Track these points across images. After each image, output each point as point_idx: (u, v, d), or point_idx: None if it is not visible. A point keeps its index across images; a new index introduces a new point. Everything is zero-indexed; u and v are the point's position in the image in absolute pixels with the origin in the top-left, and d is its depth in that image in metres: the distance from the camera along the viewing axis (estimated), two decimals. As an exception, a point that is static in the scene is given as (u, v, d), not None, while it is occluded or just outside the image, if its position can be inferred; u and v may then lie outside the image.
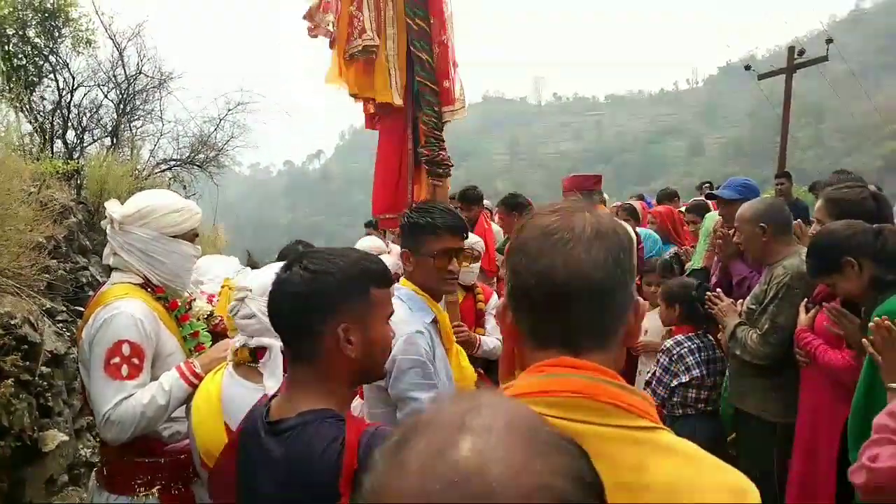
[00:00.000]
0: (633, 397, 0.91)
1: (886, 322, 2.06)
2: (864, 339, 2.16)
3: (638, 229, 5.29)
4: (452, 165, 3.49)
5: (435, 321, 2.35)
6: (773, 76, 16.23)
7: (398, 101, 3.41)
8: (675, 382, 3.34)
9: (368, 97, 3.52)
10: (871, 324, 2.11)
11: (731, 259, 3.62)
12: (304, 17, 3.48)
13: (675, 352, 3.38)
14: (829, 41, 15.41)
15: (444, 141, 3.46)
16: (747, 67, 18.18)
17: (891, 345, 2.05)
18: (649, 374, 3.48)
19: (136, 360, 2.10)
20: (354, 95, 3.54)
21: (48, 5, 7.47)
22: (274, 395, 1.48)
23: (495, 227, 5.98)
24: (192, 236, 2.36)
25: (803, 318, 2.80)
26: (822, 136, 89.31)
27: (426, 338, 2.23)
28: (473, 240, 3.93)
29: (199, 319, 2.49)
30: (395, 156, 3.62)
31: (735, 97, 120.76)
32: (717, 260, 3.87)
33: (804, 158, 70.28)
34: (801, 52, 15.37)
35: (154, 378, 2.18)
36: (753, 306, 3.11)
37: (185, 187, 8.62)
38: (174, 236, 2.28)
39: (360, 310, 1.41)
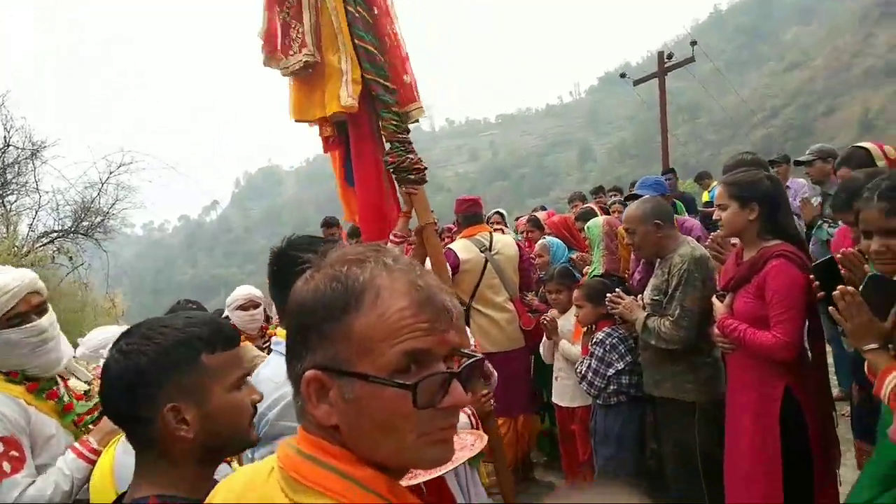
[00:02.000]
0: (324, 475, 0.87)
1: (850, 288, 2.08)
2: (829, 308, 2.14)
3: (547, 238, 5.31)
4: (426, 169, 3.21)
5: None
6: (647, 81, 17.18)
7: (349, 101, 2.96)
8: (611, 371, 3.48)
9: (314, 119, 3.18)
10: (834, 293, 2.10)
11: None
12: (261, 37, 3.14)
13: (607, 342, 3.53)
14: (694, 43, 16.47)
15: (410, 143, 3.17)
16: (622, 75, 19.15)
17: (855, 310, 2.06)
18: (585, 368, 3.56)
19: (14, 453, 1.92)
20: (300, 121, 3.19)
21: None
22: None
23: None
24: (23, 313, 2.03)
25: (720, 306, 2.86)
26: (699, 131, 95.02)
27: None
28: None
29: (78, 400, 2.26)
30: (372, 170, 3.25)
31: (616, 104, 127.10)
32: (634, 258, 3.98)
33: (686, 153, 74.42)
34: (670, 56, 16.34)
35: (41, 465, 2.01)
36: (657, 297, 3.22)
37: (70, 258, 8.11)
38: None
39: (190, 384, 1.27)
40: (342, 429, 0.87)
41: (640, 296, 3.49)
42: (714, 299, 2.94)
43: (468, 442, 2.52)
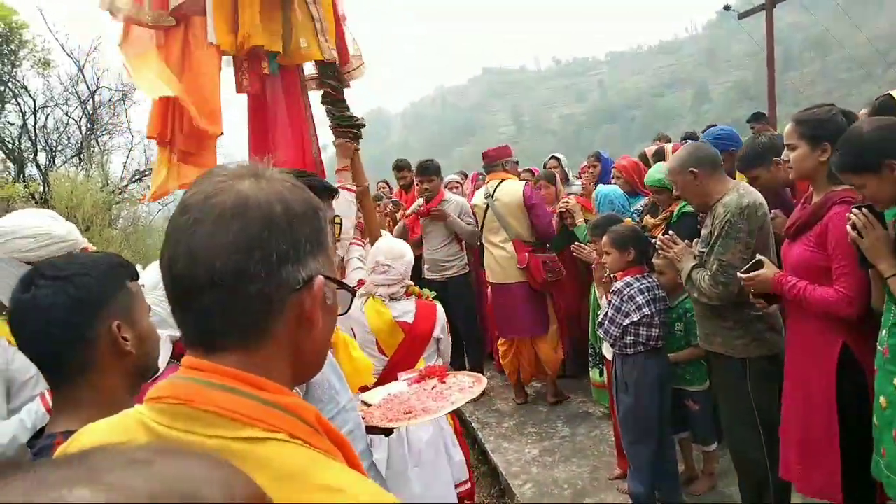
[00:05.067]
0: (242, 402, 0.78)
1: (864, 209, 2.10)
2: (848, 229, 2.13)
3: (600, 187, 5.32)
4: (364, 125, 3.36)
5: None
6: (754, 14, 15.81)
7: (331, 54, 3.04)
8: (626, 321, 3.38)
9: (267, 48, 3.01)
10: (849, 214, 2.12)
11: None
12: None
13: (625, 292, 3.42)
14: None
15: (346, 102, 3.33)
16: (727, 8, 17.74)
17: (871, 226, 2.09)
18: (602, 316, 3.52)
19: None
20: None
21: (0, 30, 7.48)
22: None
23: (455, 197, 5.98)
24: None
25: (764, 273, 2.67)
26: (829, 69, 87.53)
27: None
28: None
29: None
30: (296, 112, 3.29)
31: (736, 40, 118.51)
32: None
33: (813, 94, 68.94)
34: (781, -14, 14.95)
35: (14, 409, 2.01)
36: (703, 249, 3.06)
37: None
38: (26, 262, 2.04)
39: (125, 304, 1.33)
40: (301, 345, 0.86)
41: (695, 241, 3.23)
42: (752, 267, 2.71)
43: (466, 384, 2.52)
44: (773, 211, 3.20)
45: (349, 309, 1.00)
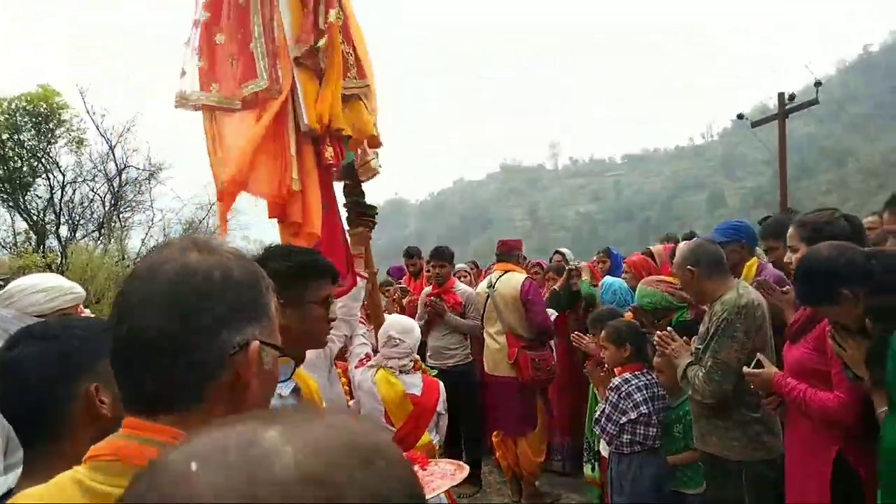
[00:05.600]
0: None
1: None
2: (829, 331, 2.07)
3: (608, 278, 5.41)
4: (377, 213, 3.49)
5: (297, 391, 1.97)
6: (767, 123, 16.30)
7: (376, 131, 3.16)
8: (623, 419, 3.35)
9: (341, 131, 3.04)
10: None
11: None
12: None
13: (623, 389, 3.41)
14: (818, 84, 15.49)
15: None
16: (740, 116, 18.30)
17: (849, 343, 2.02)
18: (599, 413, 3.49)
19: None
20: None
21: (41, 110, 7.89)
22: None
23: (463, 286, 6.03)
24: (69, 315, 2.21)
25: (761, 373, 2.68)
26: (846, 178, 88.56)
27: None
28: None
29: None
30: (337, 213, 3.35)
31: (752, 147, 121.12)
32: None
33: (827, 202, 69.47)
34: (792, 98, 15.43)
35: (11, 464, 1.94)
36: (700, 346, 3.06)
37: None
38: (38, 315, 2.12)
39: (108, 369, 1.34)
40: (237, 406, 0.88)
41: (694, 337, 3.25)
42: (754, 367, 2.71)
43: (448, 471, 2.52)
44: (786, 287, 3.20)
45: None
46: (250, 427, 0.47)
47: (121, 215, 8.29)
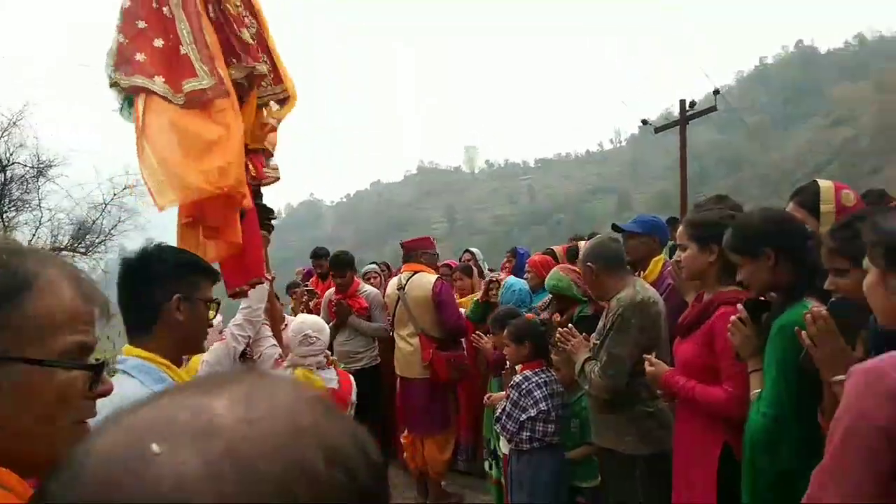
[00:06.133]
0: None
1: (824, 312, 1.96)
2: (798, 331, 2.02)
3: (509, 279, 5.39)
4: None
5: None
6: (670, 129, 17.04)
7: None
8: (523, 416, 3.36)
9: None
10: (807, 315, 1.97)
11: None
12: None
13: (524, 386, 3.43)
14: (717, 92, 16.37)
15: None
16: (644, 122, 19.09)
17: (827, 337, 1.94)
18: (500, 411, 3.49)
19: None
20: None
21: None
22: None
23: (370, 288, 5.93)
24: None
25: (654, 370, 2.70)
26: (742, 185, 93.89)
27: None
28: None
29: None
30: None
31: (658, 153, 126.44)
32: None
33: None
34: (693, 105, 16.20)
35: None
36: (597, 341, 3.10)
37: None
38: None
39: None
40: None
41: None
42: (647, 363, 2.75)
43: None
44: None
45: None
46: (193, 399, 0.42)
47: (4, 214, 7.69)
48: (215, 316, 2.03)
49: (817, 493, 1.46)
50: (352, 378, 3.79)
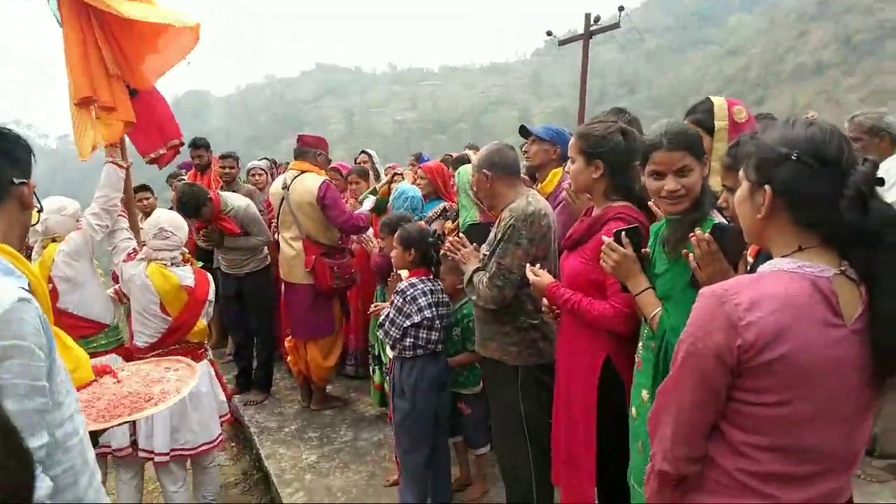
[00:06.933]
0: None
1: (707, 235, 1.99)
2: (685, 253, 2.05)
3: (401, 185, 5.17)
4: None
5: (30, 287, 1.58)
6: (573, 42, 16.94)
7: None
8: (407, 323, 3.30)
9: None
10: (692, 237, 2.01)
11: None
12: None
13: (408, 293, 3.35)
14: (622, 9, 16.33)
15: None
16: (549, 33, 18.87)
17: (710, 259, 1.99)
18: (383, 317, 3.41)
19: None
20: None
21: None
22: None
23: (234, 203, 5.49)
24: None
25: (538, 280, 2.67)
26: (638, 105, 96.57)
27: (35, 309, 1.49)
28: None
29: None
30: None
31: (561, 69, 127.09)
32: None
33: (618, 127, 75.34)
34: (597, 20, 16.11)
35: None
36: (486, 252, 3.03)
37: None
38: None
39: None
40: None
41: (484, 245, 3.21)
42: (528, 272, 2.71)
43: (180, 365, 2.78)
44: None
45: None
46: None
47: None
48: (37, 221, 1.86)
49: (658, 410, 1.54)
50: (209, 277, 3.71)
